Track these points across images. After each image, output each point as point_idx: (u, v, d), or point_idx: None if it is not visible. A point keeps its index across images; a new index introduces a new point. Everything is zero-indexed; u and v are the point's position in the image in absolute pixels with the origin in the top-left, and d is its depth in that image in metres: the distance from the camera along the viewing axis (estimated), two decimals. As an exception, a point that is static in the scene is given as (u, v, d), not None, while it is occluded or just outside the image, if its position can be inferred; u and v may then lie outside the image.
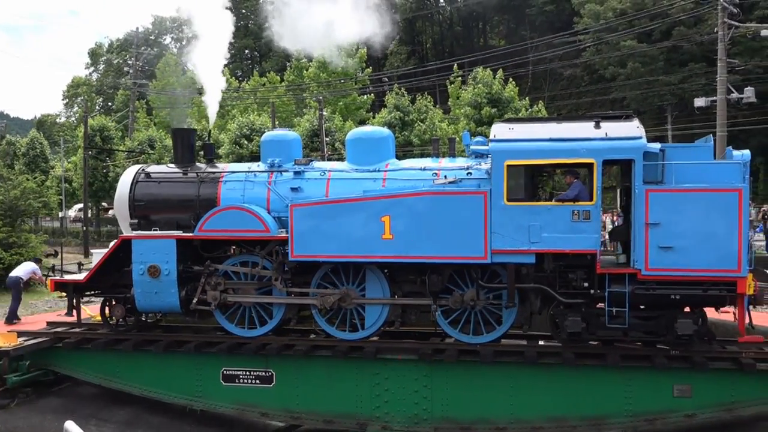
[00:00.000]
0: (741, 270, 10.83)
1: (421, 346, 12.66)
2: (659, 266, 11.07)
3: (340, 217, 12.20)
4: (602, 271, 11.36)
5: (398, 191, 12.25)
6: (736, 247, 10.77)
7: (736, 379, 11.73)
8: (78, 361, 14.29)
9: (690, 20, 51.13)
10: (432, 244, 11.82)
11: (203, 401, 13.65)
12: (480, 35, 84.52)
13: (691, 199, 10.98)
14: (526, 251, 11.50)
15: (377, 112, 49.87)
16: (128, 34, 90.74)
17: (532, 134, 11.65)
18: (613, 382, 12.10)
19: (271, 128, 43.09)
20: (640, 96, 54.64)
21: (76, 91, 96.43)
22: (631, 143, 11.19)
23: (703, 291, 11.15)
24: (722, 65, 30.38)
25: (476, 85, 41.73)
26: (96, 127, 53.40)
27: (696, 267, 10.96)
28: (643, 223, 11.03)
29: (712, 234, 10.86)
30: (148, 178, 14.16)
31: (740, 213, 10.76)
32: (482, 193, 11.62)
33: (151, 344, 13.70)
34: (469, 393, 12.50)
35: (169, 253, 13.10)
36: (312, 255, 12.45)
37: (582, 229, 11.29)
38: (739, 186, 10.89)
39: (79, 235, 53.18)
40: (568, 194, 11.59)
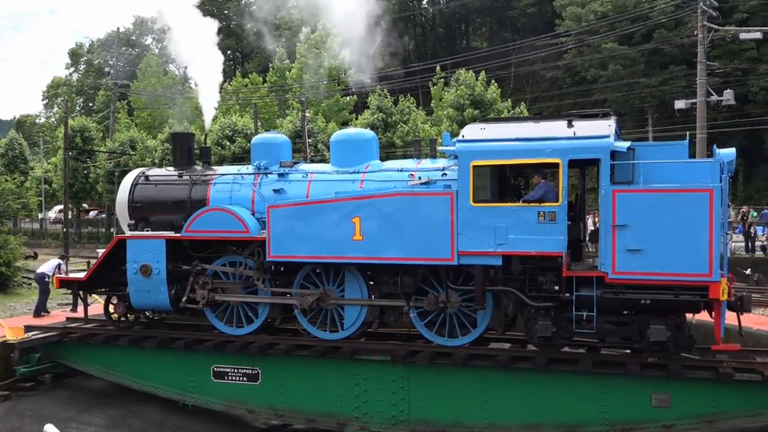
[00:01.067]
0: (713, 274, 10.21)
1: (396, 347, 12.58)
2: (627, 270, 10.56)
3: (313, 219, 12.35)
4: (569, 274, 10.94)
5: (367, 193, 12.32)
6: (707, 250, 10.19)
7: (717, 390, 11.13)
8: (83, 355, 14.96)
9: (670, 23, 51.59)
10: (400, 245, 11.76)
11: (195, 397, 14.01)
12: (462, 37, 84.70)
13: (660, 200, 10.45)
14: (492, 253, 11.24)
15: (360, 113, 49.83)
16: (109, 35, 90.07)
17: (499, 134, 11.42)
18: (589, 389, 11.68)
19: (254, 129, 42.98)
20: (621, 98, 55.00)
21: (56, 91, 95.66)
22: (597, 142, 10.75)
23: (674, 296, 10.57)
24: (702, 68, 30.65)
25: (459, 87, 41.80)
26: (76, 128, 52.98)
27: (665, 271, 10.42)
28: (610, 224, 10.55)
29: (682, 236, 10.28)
30: (147, 180, 14.67)
31: (711, 214, 10.17)
32: (449, 195, 11.49)
33: (146, 340, 14.13)
34: (445, 396, 12.38)
35: (159, 253, 13.55)
36: (287, 256, 12.65)
37: (548, 231, 10.92)
38: (709, 186, 10.32)
39: (59, 236, 52.71)
40: (533, 195, 11.28)
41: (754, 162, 53.97)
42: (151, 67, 71.01)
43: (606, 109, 11.99)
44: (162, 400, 14.48)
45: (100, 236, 56.32)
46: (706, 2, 30.39)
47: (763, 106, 50.44)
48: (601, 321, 10.94)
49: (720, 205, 10.25)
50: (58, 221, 61.33)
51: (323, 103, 53.16)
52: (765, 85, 50.29)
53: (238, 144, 44.01)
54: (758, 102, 50.93)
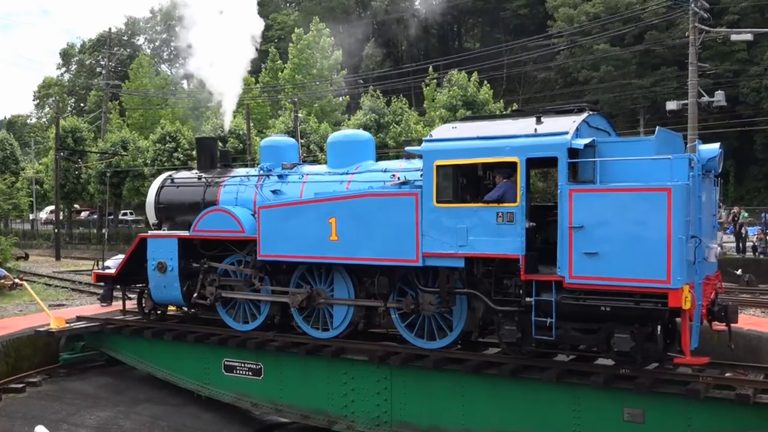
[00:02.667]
0: (671, 281, 9.31)
1: (377, 348, 12.51)
2: (584, 274, 9.85)
3: (296, 219, 12.53)
4: (527, 278, 10.40)
5: (342, 193, 12.39)
6: (665, 255, 9.35)
7: (692, 407, 10.13)
8: (119, 345, 15.83)
9: (662, 25, 51.83)
10: (371, 245, 11.67)
11: (209, 388, 14.53)
12: (455, 38, 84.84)
13: (616, 200, 9.72)
14: (454, 255, 10.88)
15: (353, 114, 49.86)
16: (101, 35, 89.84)
17: (465, 133, 11.11)
18: (561, 399, 11.00)
19: (246, 130, 42.96)
20: (613, 99, 55.22)
21: (48, 91, 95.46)
22: (554, 139, 10.16)
23: (635, 303, 9.71)
24: (693, 69, 30.80)
25: (451, 88, 41.90)
26: (68, 128, 52.84)
27: (622, 276, 9.63)
28: (567, 226, 9.94)
29: (639, 239, 9.51)
30: (171, 183, 15.47)
31: (669, 215, 9.32)
32: (413, 195, 11.26)
33: (165, 333, 14.92)
34: (424, 399, 12.20)
35: (172, 251, 14.27)
36: (275, 255, 12.88)
37: (506, 232, 10.43)
38: (667, 185, 9.46)
39: (50, 237, 52.57)
40: (492, 195, 10.75)
41: (745, 163, 54.26)
42: (143, 67, 70.90)
43: (582, 104, 11.33)
44: (154, 401, 14.55)
45: (92, 237, 56.19)
46: (698, 4, 30.53)
47: (754, 107, 50.75)
48: (567, 328, 10.27)
49: (686, 205, 9.42)
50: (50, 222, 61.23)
51: (316, 104, 53.17)
52: (755, 87, 50.58)
53: (230, 145, 43.94)
54: (749, 103, 51.22)
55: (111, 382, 15.39)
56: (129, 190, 51.23)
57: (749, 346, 13.63)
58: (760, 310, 18.32)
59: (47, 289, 24.78)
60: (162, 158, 47.91)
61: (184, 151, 47.57)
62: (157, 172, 47.73)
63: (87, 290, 24.41)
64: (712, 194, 11.03)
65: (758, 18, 51.78)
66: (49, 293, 23.89)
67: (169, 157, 47.77)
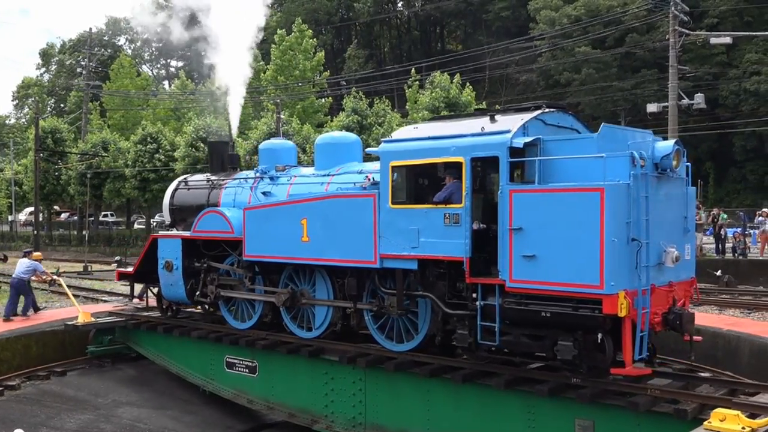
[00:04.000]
0: (604, 286, 8.82)
1: (350, 348, 12.51)
2: (523, 278, 9.52)
3: (274, 220, 12.78)
4: (471, 281, 10.13)
5: (310, 195, 12.55)
6: (598, 259, 8.88)
7: (641, 419, 9.54)
8: (141, 340, 16.51)
9: (642, 27, 52.25)
10: (336, 247, 11.74)
11: (213, 384, 14.87)
12: (437, 40, 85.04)
13: (551, 201, 9.35)
14: (407, 257, 10.75)
15: (335, 115, 49.81)
16: (81, 35, 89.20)
17: (421, 133, 11.00)
18: (515, 407, 10.63)
19: (228, 132, 42.76)
20: (595, 101, 55.57)
21: (27, 91, 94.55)
22: (495, 138, 9.89)
23: (573, 310, 9.25)
24: (673, 72, 31.04)
25: (434, 90, 41.94)
26: (48, 129, 52.42)
27: (559, 280, 9.22)
28: (507, 227, 9.64)
29: (574, 242, 9.09)
30: (185, 185, 16.03)
31: (602, 217, 8.85)
32: (371, 196, 11.22)
33: (174, 329, 15.52)
34: (393, 402, 12.11)
35: (177, 251, 14.76)
36: (258, 255, 13.16)
37: (452, 234, 10.21)
38: (600, 184, 9.02)
39: (29, 239, 52.02)
40: (439, 195, 10.56)
41: (725, 165, 54.81)
42: (124, 68, 70.46)
43: (540, 102, 10.94)
44: (135, 404, 14.50)
45: (72, 239, 55.73)
46: (678, 7, 30.79)
47: (733, 109, 51.30)
48: (518, 333, 9.88)
49: (624, 205, 8.98)
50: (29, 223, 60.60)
51: (298, 105, 53.06)
52: (735, 89, 51.12)
53: (212, 146, 43.74)
54: (728, 106, 51.76)
55: (92, 384, 15.27)
56: (110, 191, 50.89)
57: (728, 347, 13.76)
58: (739, 310, 18.51)
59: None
60: (143, 159, 47.62)
61: (166, 152, 47.30)
62: (138, 174, 47.73)
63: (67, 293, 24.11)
64: (680, 195, 10.43)
65: (737, 21, 52.38)
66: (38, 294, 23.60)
67: (150, 158, 47.48)
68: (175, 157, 45.90)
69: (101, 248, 49.73)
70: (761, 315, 17.72)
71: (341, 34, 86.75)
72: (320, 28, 77.55)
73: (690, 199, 10.72)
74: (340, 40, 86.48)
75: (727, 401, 8.86)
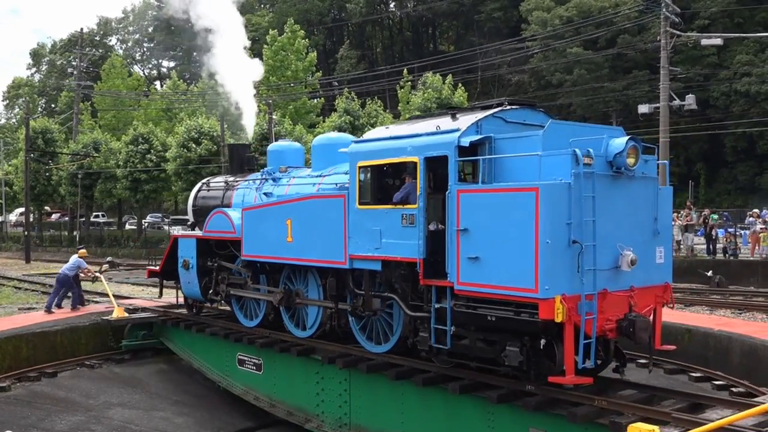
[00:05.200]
0: (538, 290, 8.45)
1: (335, 349, 12.54)
2: (469, 280, 9.22)
3: (265, 221, 13.02)
4: (425, 283, 9.92)
5: (292, 196, 12.75)
6: (533, 261, 8.53)
7: (590, 430, 9.16)
8: (170, 335, 17.12)
9: (634, 29, 52.42)
10: (314, 247, 11.81)
11: (227, 380, 15.12)
12: (430, 40, 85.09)
13: (491, 201, 9.06)
14: (372, 257, 10.66)
15: (327, 116, 49.77)
16: (72, 35, 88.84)
17: (386, 133, 10.93)
18: (475, 412, 10.35)
19: (220, 132, 42.70)
20: (586, 102, 55.72)
21: (18, 92, 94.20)
22: (444, 138, 9.69)
23: (515, 314, 8.86)
24: (665, 73, 31.14)
25: (426, 90, 41.99)
26: (38, 130, 52.22)
27: (499, 283, 8.89)
28: (455, 229, 9.39)
29: (513, 243, 8.77)
30: (206, 187, 16.51)
31: (537, 218, 8.51)
32: (341, 197, 11.23)
33: (191, 326, 16.07)
34: (374, 403, 12.06)
35: (192, 250, 15.29)
36: (253, 255, 13.43)
37: (409, 235, 10.02)
38: (535, 184, 8.68)
39: (20, 239, 51.83)
40: (397, 196, 10.47)
41: (716, 166, 55.05)
42: (116, 68, 70.27)
43: (502, 99, 10.64)
44: (126, 406, 14.42)
45: (63, 240, 55.50)
46: (669, 8, 30.89)
47: (724, 110, 51.51)
48: (474, 338, 9.57)
49: (564, 206, 8.59)
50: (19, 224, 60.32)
51: (290, 106, 52.99)
52: (725, 90, 51.34)
53: (204, 147, 43.67)
54: (719, 106, 51.98)
55: (83, 386, 15.21)
56: (101, 192, 50.71)
57: (719, 347, 13.79)
58: (730, 311, 18.57)
59: (17, 293, 24.40)
60: (134, 160, 47.47)
61: (157, 152, 47.16)
62: (130, 174, 47.57)
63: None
64: (648, 195, 9.85)
65: (728, 23, 52.60)
66: (19, 296, 23.53)
67: (141, 158, 47.34)
68: (166, 158, 45.77)
69: (92, 249, 49.44)
70: (752, 315, 17.80)
71: (333, 34, 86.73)
72: (312, 29, 77.49)
73: (664, 200, 10.12)
74: (332, 40, 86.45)
75: (666, 415, 8.55)
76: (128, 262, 42.26)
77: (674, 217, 31.18)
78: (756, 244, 28.64)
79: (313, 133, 43.01)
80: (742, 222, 34.23)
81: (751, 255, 28.95)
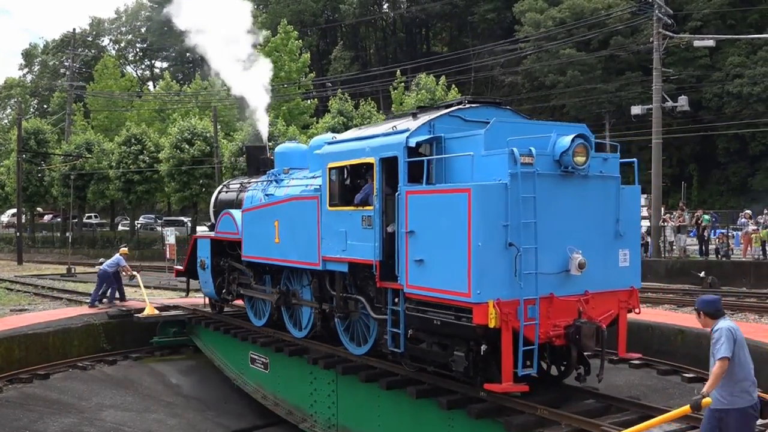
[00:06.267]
0: (470, 294, 8.17)
1: (324, 349, 12.57)
2: (416, 283, 8.97)
3: (258, 222, 13.24)
4: (382, 285, 9.73)
5: (277, 198, 12.87)
6: (465, 265, 8.23)
7: None
8: (198, 333, 17.47)
9: (627, 30, 52.53)
10: (296, 248, 11.84)
11: (242, 378, 15.36)
12: (423, 42, 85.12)
13: (433, 203, 8.81)
14: (340, 259, 10.58)
15: (321, 117, 49.73)
16: (65, 35, 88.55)
17: (355, 134, 10.90)
18: (437, 417, 9.97)
19: (213, 132, 42.62)
20: (579, 103, 55.82)
21: (9, 92, 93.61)
22: (394, 138, 9.53)
23: (456, 319, 8.55)
24: (657, 74, 31.22)
25: (419, 91, 42.02)
26: (30, 130, 51.95)
27: (440, 287, 8.64)
28: (404, 230, 9.18)
29: (449, 246, 8.50)
30: (226, 188, 16.90)
31: (469, 220, 8.20)
32: (314, 198, 11.22)
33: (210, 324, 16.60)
34: (356, 405, 12.03)
35: (207, 250, 15.73)
36: (250, 256, 13.71)
37: (368, 237, 9.84)
38: (467, 185, 8.44)
39: (12, 241, 51.60)
40: (357, 197, 10.42)
41: (708, 167, 55.24)
42: (108, 68, 70.06)
43: (466, 97, 10.38)
44: (119, 407, 14.39)
45: (55, 241, 55.30)
46: (662, 10, 30.99)
47: (716, 112, 51.69)
48: (431, 342, 9.33)
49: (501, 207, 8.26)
50: (11, 225, 60.02)
51: (284, 107, 52.95)
52: (718, 92, 51.53)
53: (197, 147, 43.56)
54: (711, 108, 52.16)
55: (75, 388, 15.15)
56: (94, 192, 50.53)
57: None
58: (722, 311, 18.59)
59: (9, 294, 24.29)
60: (127, 161, 47.32)
61: (150, 153, 47.04)
62: (123, 175, 47.41)
63: (50, 295, 23.96)
64: (607, 195, 9.31)
65: (720, 25, 52.78)
66: (11, 298, 23.42)
67: (134, 159, 47.20)
68: (159, 159, 45.65)
69: (85, 250, 49.34)
70: (744, 316, 17.84)
71: (327, 35, 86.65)
72: (306, 30, 77.43)
73: (629, 200, 9.60)
74: (325, 41, 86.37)
75: (596, 426, 8.38)
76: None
77: (667, 218, 31.35)
78: (748, 245, 28.74)
79: (307, 134, 43.01)
80: (735, 223, 34.33)
81: (743, 256, 29.04)
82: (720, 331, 6.52)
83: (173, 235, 33.59)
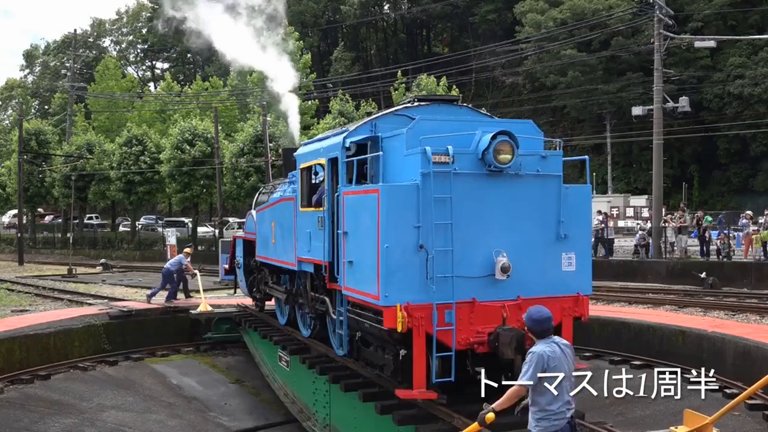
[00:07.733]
0: (379, 297, 7.93)
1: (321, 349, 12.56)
2: (349, 285, 8.81)
3: (263, 223, 13.70)
4: (331, 287, 9.61)
5: (273, 199, 13.08)
6: (375, 267, 8.00)
7: None
8: (247, 330, 17.48)
9: (628, 31, 52.53)
10: (285, 249, 12.01)
11: (273, 375, 15.48)
12: (424, 42, 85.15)
13: (356, 204, 8.68)
14: (306, 260, 10.64)
15: (322, 117, 49.74)
16: (66, 36, 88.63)
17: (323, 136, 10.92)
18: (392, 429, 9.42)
19: (214, 133, 42.63)
20: (580, 104, 55.85)
21: (11, 93, 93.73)
22: (336, 139, 9.50)
23: (375, 322, 8.34)
24: (658, 75, 31.19)
25: (420, 92, 41.99)
26: (31, 131, 51.98)
27: (362, 289, 8.45)
28: (342, 231, 9.04)
29: (367, 248, 8.30)
30: (264, 189, 16.94)
31: (378, 220, 7.98)
32: (291, 199, 11.32)
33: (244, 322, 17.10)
34: (341, 405, 11.80)
35: (241, 250, 16.25)
36: (259, 256, 14.17)
37: (321, 237, 9.83)
38: (376, 186, 8.33)
39: (13, 241, 51.64)
40: (313, 198, 10.51)
41: (709, 167, 55.20)
42: (109, 69, 70.07)
43: (417, 96, 10.08)
44: (120, 408, 14.40)
45: (56, 242, 55.31)
46: (662, 11, 30.97)
47: (717, 112, 51.68)
48: (376, 344, 9.04)
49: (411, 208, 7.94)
50: (12, 226, 60.06)
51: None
52: (719, 93, 51.52)
53: (198, 148, 43.56)
54: (712, 109, 52.15)
55: (76, 388, 15.17)
56: (94, 193, 50.53)
57: (713, 348, 13.81)
58: (723, 312, 18.60)
59: (10, 295, 24.32)
60: (128, 162, 47.34)
61: (151, 154, 47.06)
62: (124, 176, 47.40)
63: (51, 296, 23.99)
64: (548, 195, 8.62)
65: (721, 25, 52.77)
66: (12, 299, 23.44)
67: (135, 160, 47.22)
68: (160, 160, 45.67)
69: (86, 251, 49.34)
70: (745, 317, 17.83)
71: (328, 36, 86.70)
72: (307, 31, 77.46)
73: (574, 200, 8.82)
74: (326, 42, 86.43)
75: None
76: (122, 264, 42.20)
77: (668, 218, 31.32)
78: (749, 245, 28.71)
79: (308, 135, 42.96)
80: (736, 224, 34.30)
81: (745, 257, 29.02)
82: (532, 355, 5.90)
83: (174, 236, 33.63)
